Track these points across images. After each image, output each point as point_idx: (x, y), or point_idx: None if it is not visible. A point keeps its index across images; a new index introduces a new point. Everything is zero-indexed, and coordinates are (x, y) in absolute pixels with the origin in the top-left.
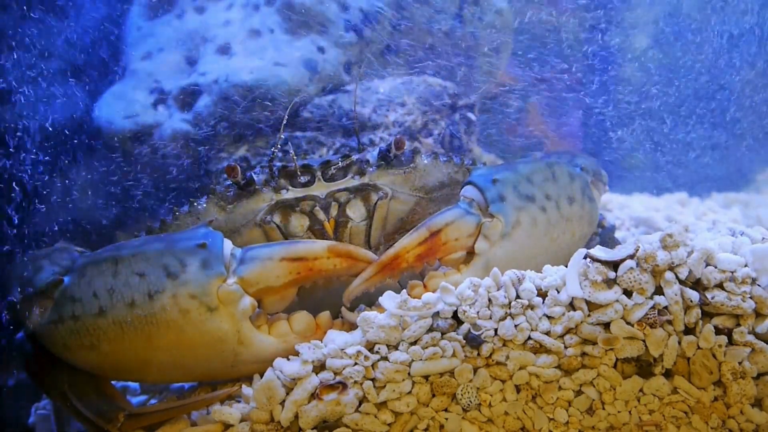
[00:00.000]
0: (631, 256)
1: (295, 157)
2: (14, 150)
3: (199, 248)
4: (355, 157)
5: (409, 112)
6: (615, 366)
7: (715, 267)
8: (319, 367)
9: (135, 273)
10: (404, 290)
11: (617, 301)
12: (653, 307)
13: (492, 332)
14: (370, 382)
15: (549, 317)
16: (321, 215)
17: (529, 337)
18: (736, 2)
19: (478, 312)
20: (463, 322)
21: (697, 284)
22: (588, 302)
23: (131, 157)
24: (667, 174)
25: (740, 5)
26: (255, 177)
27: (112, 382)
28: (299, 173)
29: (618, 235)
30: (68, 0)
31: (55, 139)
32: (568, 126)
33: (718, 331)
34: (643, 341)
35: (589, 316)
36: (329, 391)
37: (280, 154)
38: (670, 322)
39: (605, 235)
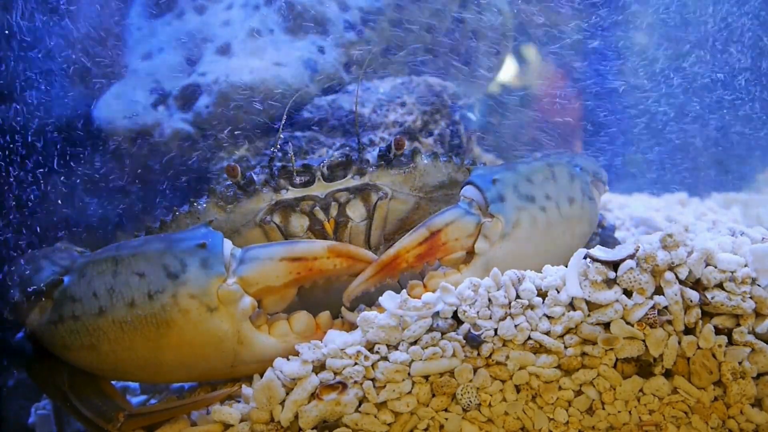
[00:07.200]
0: (631, 256)
1: (294, 158)
2: (13, 150)
3: (199, 248)
4: (354, 155)
5: (409, 112)
6: (615, 366)
7: (715, 267)
8: (319, 367)
9: (135, 273)
10: (404, 290)
11: (617, 301)
12: (653, 307)
13: (492, 332)
14: (370, 382)
15: (549, 317)
16: (321, 215)
17: (529, 337)
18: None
19: (478, 312)
20: (463, 322)
21: (697, 284)
22: (588, 302)
23: (131, 157)
24: (667, 174)
25: (741, 3)
26: (255, 177)
27: (112, 382)
28: (296, 174)
29: (618, 235)
30: None
31: (55, 138)
32: (567, 125)
33: (718, 331)
34: (643, 341)
35: (589, 316)
36: (329, 391)
37: (279, 154)
38: (670, 322)
39: (605, 235)
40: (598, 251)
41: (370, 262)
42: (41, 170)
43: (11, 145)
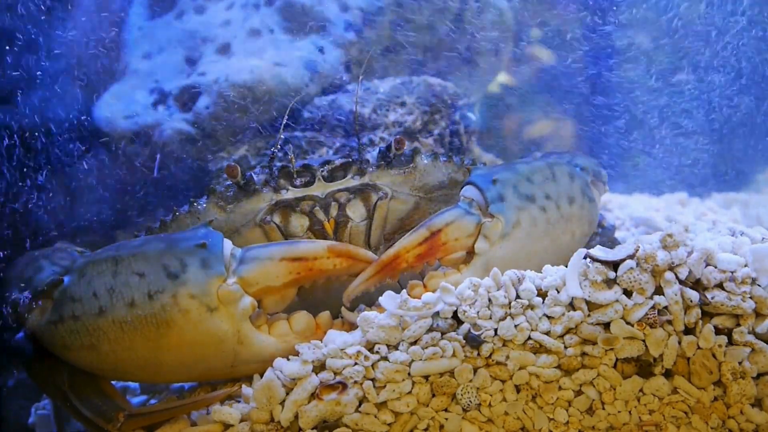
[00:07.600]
0: (631, 256)
1: (294, 159)
2: (12, 149)
3: (199, 248)
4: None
5: (409, 112)
6: (615, 366)
7: (715, 267)
8: (319, 367)
9: (135, 273)
10: (404, 290)
11: (617, 301)
12: (653, 307)
13: (492, 332)
14: (370, 382)
15: (549, 317)
16: (321, 215)
17: (529, 337)
18: (737, 1)
19: (478, 312)
20: (463, 322)
21: (697, 284)
22: (588, 302)
23: (131, 157)
24: (667, 174)
25: (741, 3)
26: (255, 177)
27: (112, 382)
28: (296, 174)
29: (618, 235)
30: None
31: (55, 139)
32: (567, 125)
33: (718, 331)
34: (643, 341)
35: (589, 316)
36: (329, 391)
37: (280, 154)
38: (670, 322)
39: (605, 235)
40: (598, 251)
41: (370, 262)
42: (41, 170)
43: (10, 145)
